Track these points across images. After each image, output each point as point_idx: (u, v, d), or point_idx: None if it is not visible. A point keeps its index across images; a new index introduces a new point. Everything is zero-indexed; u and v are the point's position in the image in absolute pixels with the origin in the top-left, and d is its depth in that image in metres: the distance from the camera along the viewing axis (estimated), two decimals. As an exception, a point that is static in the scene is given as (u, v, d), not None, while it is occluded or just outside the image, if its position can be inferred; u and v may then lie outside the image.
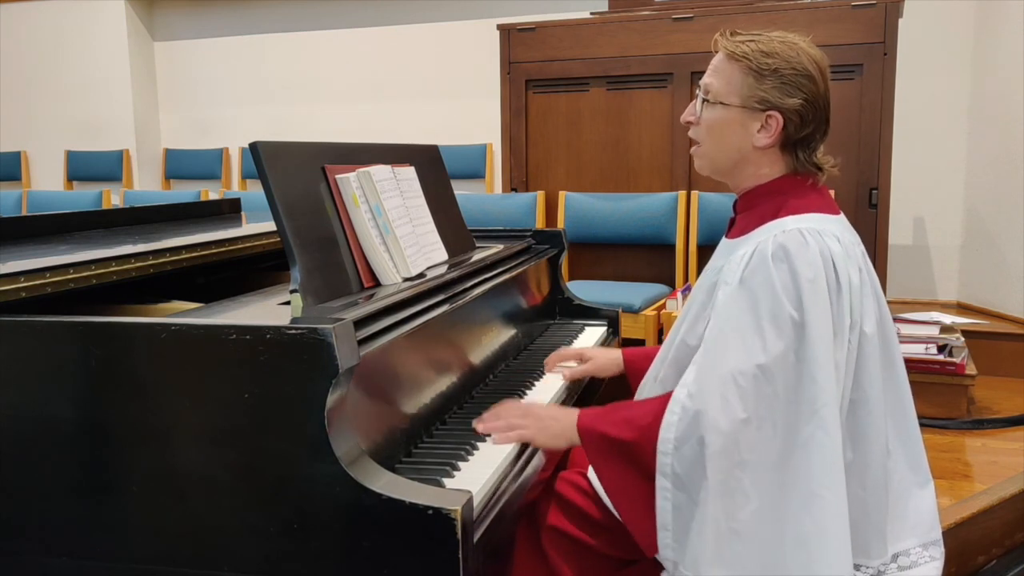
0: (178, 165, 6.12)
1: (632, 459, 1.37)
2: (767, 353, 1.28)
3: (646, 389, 1.58)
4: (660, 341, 3.19)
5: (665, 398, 1.36)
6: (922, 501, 1.45)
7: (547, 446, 1.45)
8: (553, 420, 1.46)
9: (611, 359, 1.85)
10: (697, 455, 1.29)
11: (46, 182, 6.22)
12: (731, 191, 1.51)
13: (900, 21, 3.58)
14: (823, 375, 1.27)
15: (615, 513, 1.41)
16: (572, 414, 1.45)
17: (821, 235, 1.34)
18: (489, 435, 1.45)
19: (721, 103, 1.42)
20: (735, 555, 1.27)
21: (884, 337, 1.40)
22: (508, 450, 1.38)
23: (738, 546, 1.27)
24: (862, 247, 1.42)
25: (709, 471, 1.28)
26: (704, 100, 1.44)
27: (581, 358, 1.88)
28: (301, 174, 1.44)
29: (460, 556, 1.04)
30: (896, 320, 3.22)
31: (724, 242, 1.52)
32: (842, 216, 1.45)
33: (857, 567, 1.37)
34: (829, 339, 1.29)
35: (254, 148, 1.36)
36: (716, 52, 1.45)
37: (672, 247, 3.84)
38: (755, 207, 1.45)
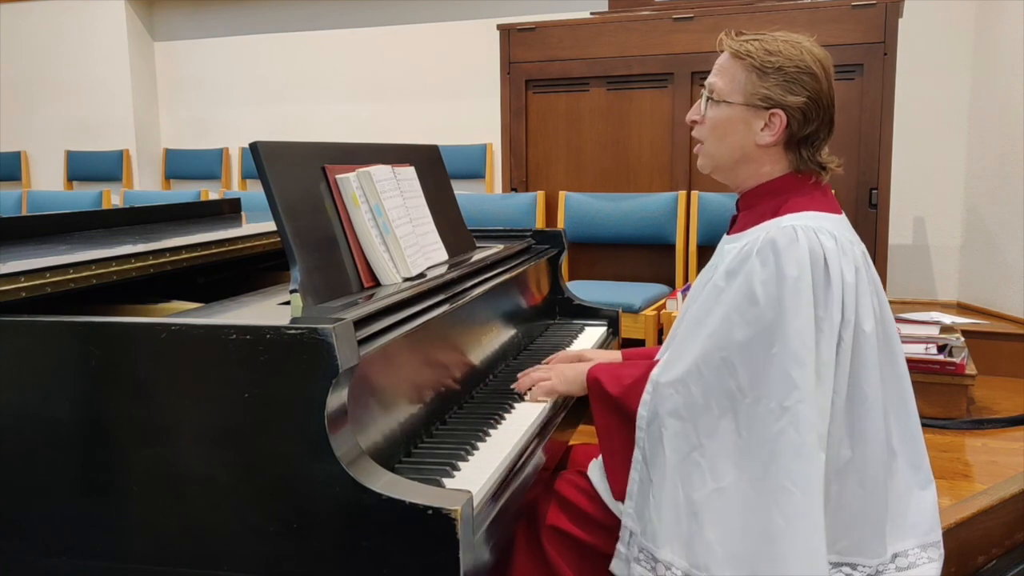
0: (178, 165, 6.12)
1: (618, 410, 1.46)
2: (732, 345, 1.31)
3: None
4: (660, 341, 3.18)
5: (651, 365, 1.44)
6: (923, 502, 1.44)
7: (565, 392, 1.63)
8: (572, 370, 1.63)
9: (610, 361, 1.85)
10: (659, 435, 1.37)
11: (46, 182, 6.22)
12: (732, 191, 1.52)
13: (900, 21, 3.58)
14: (799, 372, 1.28)
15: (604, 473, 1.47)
16: (588, 364, 1.60)
17: (815, 232, 1.34)
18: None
19: (725, 101, 1.43)
20: (692, 536, 1.31)
21: (885, 337, 1.40)
22: (508, 450, 1.39)
23: (695, 527, 1.31)
24: (863, 247, 1.42)
25: (667, 451, 1.35)
26: (709, 99, 1.45)
27: (580, 360, 1.87)
28: (301, 174, 1.44)
29: (460, 556, 1.04)
30: (896, 320, 3.22)
31: (724, 239, 1.52)
32: (843, 216, 1.45)
33: (854, 566, 1.37)
34: (809, 337, 1.29)
35: (254, 148, 1.36)
36: (721, 52, 1.46)
37: (672, 247, 3.84)
38: (756, 205, 1.45)
